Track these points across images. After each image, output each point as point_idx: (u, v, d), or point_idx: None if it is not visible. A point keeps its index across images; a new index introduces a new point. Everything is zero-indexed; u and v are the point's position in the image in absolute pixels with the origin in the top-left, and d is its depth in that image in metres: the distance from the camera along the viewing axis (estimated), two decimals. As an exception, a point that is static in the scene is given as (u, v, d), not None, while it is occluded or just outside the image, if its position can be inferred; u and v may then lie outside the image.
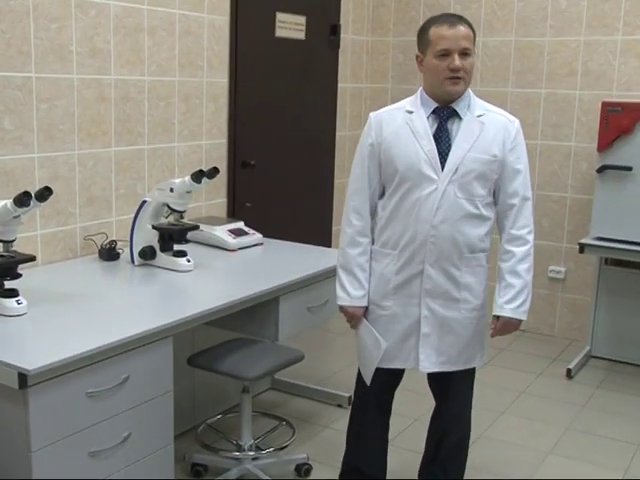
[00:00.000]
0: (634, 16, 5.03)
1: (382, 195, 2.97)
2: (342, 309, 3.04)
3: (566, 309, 5.53)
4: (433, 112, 2.86)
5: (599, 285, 5.12)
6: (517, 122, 2.91)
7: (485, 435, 4.02)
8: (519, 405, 4.43)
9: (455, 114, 2.85)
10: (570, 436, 4.06)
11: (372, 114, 2.97)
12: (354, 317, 3.02)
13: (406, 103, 2.95)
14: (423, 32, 2.84)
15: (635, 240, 4.66)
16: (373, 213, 2.98)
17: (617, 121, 4.66)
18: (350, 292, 2.98)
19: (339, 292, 3.02)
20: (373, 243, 3.00)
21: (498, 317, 2.95)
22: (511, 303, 2.93)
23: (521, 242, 2.96)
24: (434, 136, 2.83)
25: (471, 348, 3.01)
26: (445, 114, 2.85)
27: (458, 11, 5.52)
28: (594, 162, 4.93)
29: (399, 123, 2.88)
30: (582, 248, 4.77)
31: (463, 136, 2.83)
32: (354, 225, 2.96)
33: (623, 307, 5.06)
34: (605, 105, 4.73)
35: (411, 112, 2.89)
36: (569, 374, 4.85)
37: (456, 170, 2.80)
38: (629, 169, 4.66)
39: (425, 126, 2.84)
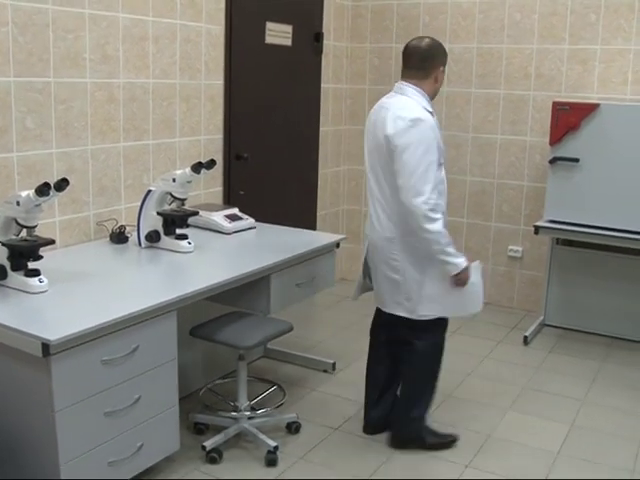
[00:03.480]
0: (577, 28, 5.07)
1: None
2: (463, 270, 3.17)
3: (523, 284, 5.57)
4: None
5: (551, 262, 5.17)
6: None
7: (453, 395, 4.07)
8: (482, 368, 4.47)
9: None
10: (526, 394, 4.12)
11: (422, 116, 3.12)
12: (467, 272, 3.19)
13: (423, 104, 3.20)
14: (444, 51, 3.29)
15: (583, 223, 4.71)
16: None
17: (566, 118, 4.70)
18: (461, 255, 3.19)
19: (458, 259, 3.15)
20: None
21: None
22: None
23: None
24: None
25: None
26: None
27: (427, 22, 5.54)
28: (546, 154, 4.96)
29: (432, 122, 3.15)
30: (537, 230, 4.81)
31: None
32: (441, 206, 3.17)
33: (573, 282, 5.11)
34: (555, 104, 4.76)
35: (430, 112, 3.19)
36: (525, 341, 4.90)
37: None
38: (576, 160, 4.70)
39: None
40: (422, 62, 3.21)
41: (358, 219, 6.11)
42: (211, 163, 3.61)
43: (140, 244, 3.62)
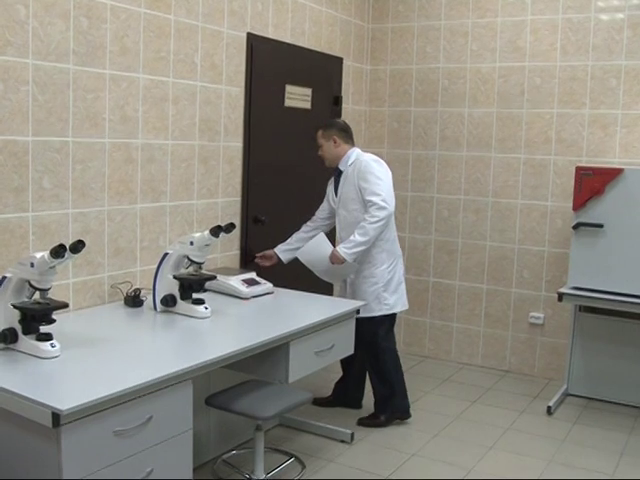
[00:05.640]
0: (598, 93, 5.03)
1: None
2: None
3: (545, 351, 5.42)
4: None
5: (575, 330, 5.02)
6: (366, 158, 4.24)
7: (475, 469, 3.89)
8: (505, 441, 4.29)
9: (340, 171, 4.36)
10: (552, 469, 3.93)
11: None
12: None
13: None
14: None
15: (607, 290, 4.59)
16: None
17: (589, 184, 4.61)
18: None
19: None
20: None
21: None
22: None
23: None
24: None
25: None
26: (336, 172, 4.41)
27: (445, 86, 5.54)
28: (568, 219, 4.88)
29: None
30: (560, 296, 4.68)
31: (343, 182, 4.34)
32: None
33: (596, 350, 4.96)
34: (579, 170, 4.69)
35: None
36: (549, 411, 4.72)
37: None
38: (600, 226, 4.60)
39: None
40: None
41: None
42: (230, 227, 3.55)
43: (155, 308, 3.54)
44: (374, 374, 4.43)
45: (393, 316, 4.42)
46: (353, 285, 4.35)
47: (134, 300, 3.61)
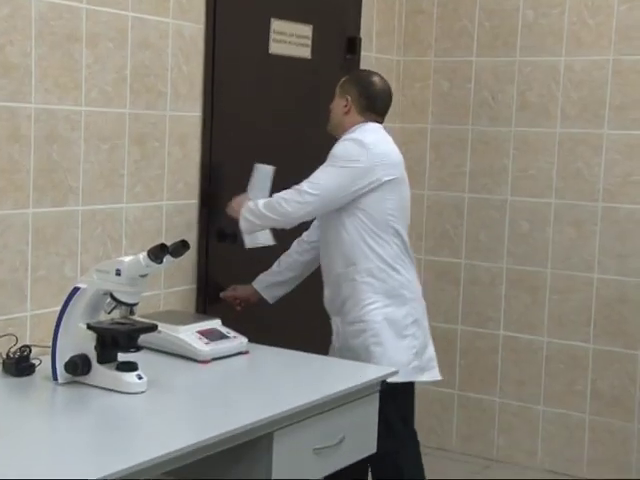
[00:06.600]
0: None
1: None
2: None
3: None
4: None
5: None
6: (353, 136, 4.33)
7: None
8: None
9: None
10: None
11: None
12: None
13: None
14: None
15: None
16: None
17: None
18: None
19: None
20: None
21: None
22: None
23: None
24: None
25: None
26: None
27: (530, 20, 5.67)
28: None
29: None
30: None
31: None
32: None
33: None
34: None
35: None
36: None
37: None
38: None
39: None
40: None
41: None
42: (181, 247, 3.48)
43: (56, 378, 3.44)
44: None
45: (403, 390, 4.30)
46: (339, 335, 4.38)
47: (19, 365, 3.53)
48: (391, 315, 4.28)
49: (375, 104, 4.42)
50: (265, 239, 4.49)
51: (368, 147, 4.24)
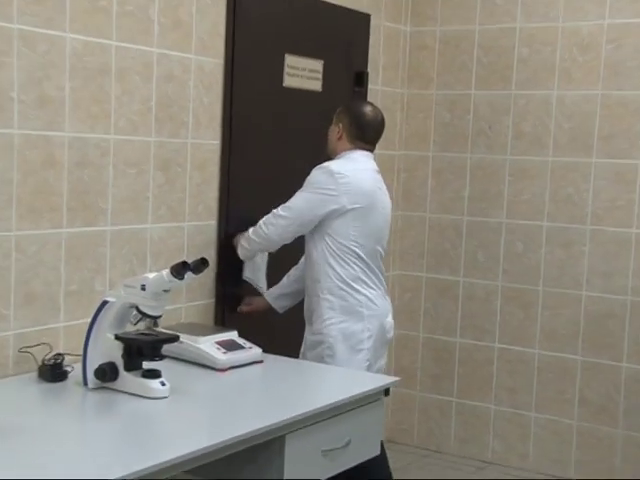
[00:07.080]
0: None
1: None
2: None
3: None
4: None
5: None
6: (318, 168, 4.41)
7: None
8: None
9: None
10: None
11: None
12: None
13: None
14: None
15: None
16: None
17: None
18: None
19: None
20: None
21: None
22: None
23: None
24: None
25: None
26: None
27: (525, 56, 5.59)
28: None
29: None
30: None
31: None
32: None
33: None
34: None
35: None
36: None
37: None
38: None
39: None
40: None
41: (413, 346, 6.04)
42: (201, 264, 3.53)
43: (86, 383, 3.50)
44: None
45: None
46: (305, 342, 4.50)
47: (53, 371, 3.57)
48: (346, 330, 4.34)
49: (365, 133, 4.46)
50: (258, 280, 4.67)
51: (336, 176, 4.29)
